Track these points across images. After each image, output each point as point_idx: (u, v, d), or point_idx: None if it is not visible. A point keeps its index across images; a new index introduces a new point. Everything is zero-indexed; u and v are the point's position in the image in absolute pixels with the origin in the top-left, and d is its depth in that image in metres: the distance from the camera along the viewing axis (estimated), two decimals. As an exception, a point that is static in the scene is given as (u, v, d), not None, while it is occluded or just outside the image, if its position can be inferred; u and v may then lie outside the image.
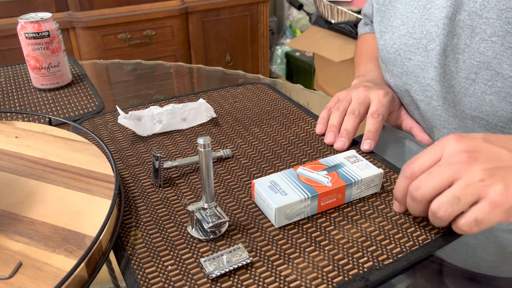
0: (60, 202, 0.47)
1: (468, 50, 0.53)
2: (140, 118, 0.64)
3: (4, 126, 0.62)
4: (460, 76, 0.55)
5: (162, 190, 0.53)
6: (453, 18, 0.54)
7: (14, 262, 0.39)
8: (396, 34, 0.62)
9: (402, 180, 0.44)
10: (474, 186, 0.38)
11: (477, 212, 0.38)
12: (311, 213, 0.48)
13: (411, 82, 0.62)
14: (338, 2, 1.94)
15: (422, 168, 0.42)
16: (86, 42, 1.87)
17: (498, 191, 0.37)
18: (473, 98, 0.54)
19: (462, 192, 0.38)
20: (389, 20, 0.64)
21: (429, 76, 0.58)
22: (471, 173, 0.38)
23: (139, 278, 0.41)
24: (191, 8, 2.00)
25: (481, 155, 0.39)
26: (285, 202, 0.46)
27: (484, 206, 0.38)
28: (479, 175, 0.38)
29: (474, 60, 0.53)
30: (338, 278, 0.40)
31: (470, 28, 0.52)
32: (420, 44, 0.58)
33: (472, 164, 0.38)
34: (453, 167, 0.39)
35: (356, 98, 0.62)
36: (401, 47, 0.61)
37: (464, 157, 0.39)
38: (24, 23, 0.76)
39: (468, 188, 0.38)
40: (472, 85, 0.54)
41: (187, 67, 1.01)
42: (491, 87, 0.52)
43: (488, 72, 0.52)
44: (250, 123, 0.68)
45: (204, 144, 0.41)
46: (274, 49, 2.62)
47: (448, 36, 0.55)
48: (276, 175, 0.50)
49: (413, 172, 0.42)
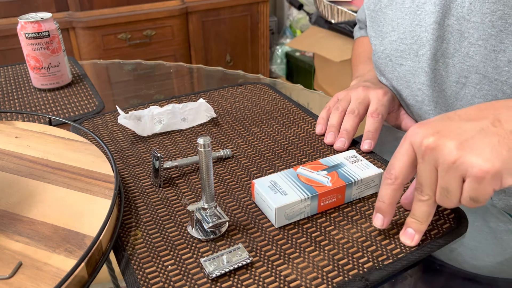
0: (60, 202, 0.47)
1: (457, 55, 0.53)
2: (140, 118, 0.64)
3: (4, 126, 0.62)
4: (450, 80, 0.55)
5: (162, 190, 0.53)
6: (442, 23, 0.54)
7: (14, 262, 0.39)
8: (387, 40, 0.62)
9: (387, 187, 0.42)
10: (451, 170, 0.37)
11: (468, 191, 0.37)
12: (311, 213, 0.48)
13: (402, 88, 0.62)
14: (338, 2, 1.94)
15: (404, 171, 0.41)
16: (86, 42, 1.87)
17: (475, 163, 0.36)
18: (464, 102, 0.54)
19: (445, 180, 0.38)
20: (378, 26, 0.64)
21: (420, 81, 0.58)
22: (442, 157, 0.38)
23: (139, 278, 0.41)
24: (191, 8, 2.00)
25: (444, 135, 0.38)
26: (285, 202, 0.46)
27: (470, 183, 0.37)
28: (451, 157, 0.37)
29: (464, 64, 0.53)
30: (338, 278, 0.40)
31: (459, 33, 0.53)
32: (411, 50, 0.58)
33: (440, 148, 0.38)
34: (427, 158, 0.39)
35: (355, 98, 0.62)
36: (392, 52, 0.62)
37: (430, 141, 0.38)
38: (24, 23, 0.77)
39: (447, 174, 0.38)
40: (462, 89, 0.54)
41: (187, 67, 1.01)
42: (480, 90, 0.52)
43: (477, 76, 0.52)
44: (250, 123, 0.68)
45: (204, 144, 0.41)
46: (274, 49, 2.62)
47: (437, 41, 0.55)
48: (276, 175, 0.50)
49: (397, 177, 0.41)
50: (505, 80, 0.49)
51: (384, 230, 0.46)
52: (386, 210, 0.43)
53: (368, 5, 0.67)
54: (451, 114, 0.41)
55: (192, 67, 1.02)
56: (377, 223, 0.44)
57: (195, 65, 1.02)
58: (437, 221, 0.47)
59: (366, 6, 0.68)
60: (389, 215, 0.43)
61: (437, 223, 0.47)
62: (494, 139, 0.37)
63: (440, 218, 0.48)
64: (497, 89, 0.50)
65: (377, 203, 0.44)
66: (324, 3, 1.97)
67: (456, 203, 0.39)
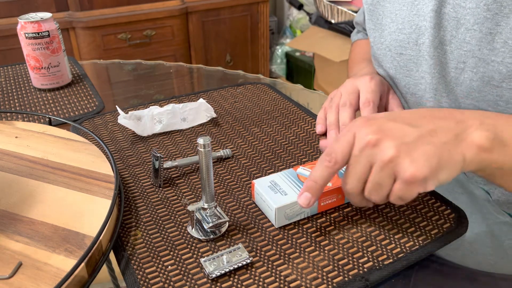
0: (60, 202, 0.47)
1: (455, 41, 0.55)
2: (140, 118, 0.64)
3: (4, 126, 0.62)
4: (449, 66, 0.56)
5: (162, 190, 0.53)
6: (439, 11, 0.55)
7: (14, 262, 0.39)
8: (386, 32, 0.64)
9: (324, 169, 0.43)
10: (386, 167, 0.39)
11: (397, 191, 0.40)
12: (311, 213, 0.48)
13: (401, 76, 0.63)
14: (338, 2, 1.94)
15: (344, 157, 0.42)
16: (86, 42, 1.87)
17: (407, 167, 0.38)
18: (463, 86, 0.55)
19: (379, 176, 0.40)
20: (377, 19, 0.66)
21: (422, 69, 0.59)
22: (380, 155, 0.40)
23: (139, 278, 0.41)
24: (191, 8, 2.00)
25: (385, 135, 0.40)
26: (285, 202, 0.46)
27: (400, 184, 0.39)
28: (387, 155, 0.39)
29: (462, 50, 0.54)
30: (338, 278, 0.40)
31: (455, 20, 0.54)
32: (410, 39, 0.60)
33: (379, 146, 0.40)
34: (366, 154, 0.41)
35: (344, 91, 0.63)
36: (391, 43, 0.63)
37: (371, 139, 0.40)
38: (24, 23, 0.76)
39: (382, 171, 0.40)
40: (461, 74, 0.55)
41: (187, 67, 1.01)
42: (476, 73, 0.53)
43: (474, 59, 0.53)
44: (250, 123, 0.68)
45: (204, 144, 0.41)
46: (274, 49, 2.62)
47: (435, 29, 0.56)
48: (276, 175, 0.50)
49: (337, 161, 0.42)
50: (501, 60, 0.51)
51: (384, 230, 0.46)
52: (316, 190, 0.43)
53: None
54: (396, 115, 0.44)
55: (192, 67, 1.02)
56: (303, 202, 0.44)
57: (195, 65, 1.02)
58: (437, 221, 0.47)
59: (364, 1, 0.69)
60: (317, 196, 0.44)
61: (437, 223, 0.47)
62: (429, 148, 0.39)
63: (440, 218, 0.48)
64: (493, 70, 0.52)
65: (307, 182, 0.44)
66: (324, 3, 1.97)
67: (385, 198, 0.42)
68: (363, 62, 0.76)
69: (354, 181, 0.42)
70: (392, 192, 0.41)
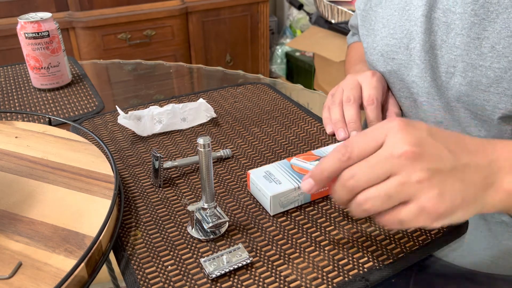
0: (60, 202, 0.47)
1: (445, 46, 0.55)
2: (140, 118, 0.64)
3: (4, 126, 0.62)
4: (440, 71, 0.56)
5: (162, 190, 0.53)
6: (429, 16, 0.56)
7: (14, 262, 0.39)
8: (378, 37, 0.64)
9: (336, 161, 0.38)
10: (409, 186, 0.35)
11: (404, 213, 0.36)
12: (305, 201, 0.49)
13: (395, 80, 0.63)
14: (338, 2, 1.94)
15: (361, 155, 0.37)
16: (86, 42, 1.87)
17: (432, 197, 0.35)
18: (454, 90, 0.55)
19: (395, 190, 0.36)
20: (370, 24, 0.66)
21: (413, 74, 0.60)
22: (409, 172, 0.35)
23: (139, 278, 0.41)
24: (191, 8, 2.00)
25: (424, 152, 0.36)
26: (280, 190, 0.47)
27: (412, 209, 0.35)
28: (417, 176, 0.35)
29: (452, 55, 0.54)
30: (338, 278, 0.40)
31: (445, 25, 0.54)
32: (401, 44, 0.60)
33: (413, 161, 0.35)
34: (393, 162, 0.36)
35: (346, 86, 0.63)
36: (383, 48, 0.63)
37: (408, 151, 0.35)
38: (24, 23, 0.76)
39: (402, 187, 0.35)
40: (452, 79, 0.55)
41: (187, 67, 1.01)
42: (465, 78, 0.53)
43: (463, 64, 0.53)
44: (250, 123, 0.68)
45: (204, 144, 0.41)
46: (274, 49, 2.62)
47: (426, 34, 0.56)
48: (270, 166, 0.52)
49: (351, 157, 0.38)
50: (489, 65, 0.51)
51: (384, 230, 0.46)
52: (321, 181, 0.40)
53: (359, 5, 0.69)
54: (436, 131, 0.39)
55: (192, 67, 1.02)
56: (306, 188, 0.41)
57: (195, 65, 1.02)
58: (437, 221, 0.47)
59: (357, 6, 0.70)
60: (319, 186, 0.40)
61: (437, 223, 0.47)
62: (458, 185, 0.36)
63: (440, 218, 0.48)
64: (481, 75, 0.52)
65: (315, 169, 0.40)
66: (324, 3, 1.97)
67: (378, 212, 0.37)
68: (360, 63, 0.76)
69: (364, 179, 0.37)
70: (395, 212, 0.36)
